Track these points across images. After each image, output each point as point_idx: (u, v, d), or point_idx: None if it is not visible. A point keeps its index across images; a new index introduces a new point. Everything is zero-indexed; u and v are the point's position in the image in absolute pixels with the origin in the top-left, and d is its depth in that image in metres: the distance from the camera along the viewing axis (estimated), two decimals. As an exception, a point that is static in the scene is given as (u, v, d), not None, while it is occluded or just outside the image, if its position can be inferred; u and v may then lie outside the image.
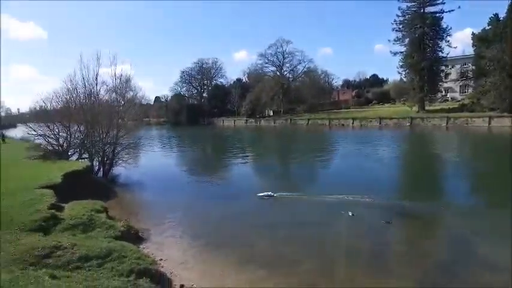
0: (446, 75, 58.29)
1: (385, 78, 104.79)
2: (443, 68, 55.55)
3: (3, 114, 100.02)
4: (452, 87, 65.58)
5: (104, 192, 15.96)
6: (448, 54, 54.31)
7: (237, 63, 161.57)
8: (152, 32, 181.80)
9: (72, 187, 13.54)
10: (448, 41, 53.46)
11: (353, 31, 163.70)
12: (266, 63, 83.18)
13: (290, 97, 79.16)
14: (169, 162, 29.56)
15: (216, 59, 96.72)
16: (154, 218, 12.37)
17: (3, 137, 41.32)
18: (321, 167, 23.82)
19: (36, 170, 16.06)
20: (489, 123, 42.09)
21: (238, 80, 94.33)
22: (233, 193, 15.90)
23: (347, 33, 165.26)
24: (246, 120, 77.33)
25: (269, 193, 14.23)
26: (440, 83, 56.56)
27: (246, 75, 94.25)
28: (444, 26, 53.24)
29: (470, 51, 54.55)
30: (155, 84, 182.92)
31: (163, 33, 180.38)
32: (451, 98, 65.19)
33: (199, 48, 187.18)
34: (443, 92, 64.81)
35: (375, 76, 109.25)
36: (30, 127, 21.61)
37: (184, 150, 40.29)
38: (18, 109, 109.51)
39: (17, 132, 65.91)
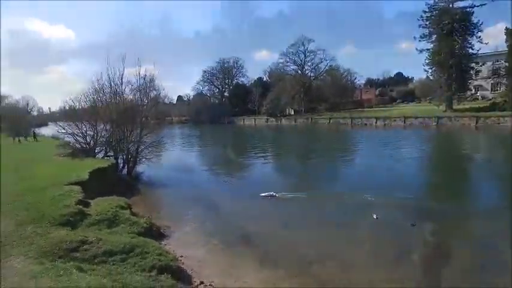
0: (477, 72, 55.45)
1: (410, 77, 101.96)
2: (473, 65, 52.98)
3: (35, 113, 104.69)
4: (483, 85, 62.51)
5: (127, 189, 16.54)
6: (479, 50, 51.79)
7: (258, 63, 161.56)
8: (172, 32, 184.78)
9: (98, 184, 14.09)
10: (479, 37, 50.98)
11: (377, 29, 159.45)
12: (287, 62, 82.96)
13: (311, 96, 78.42)
14: (191, 161, 30.06)
15: (237, 58, 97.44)
16: (176, 215, 12.65)
17: (35, 135, 43.36)
18: (341, 166, 23.47)
19: (65, 167, 16.82)
20: (522, 123, 39.76)
21: (259, 79, 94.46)
22: (251, 192, 15.89)
23: (370, 32, 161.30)
24: (267, 119, 77.35)
25: (271, 193, 14.34)
26: (469, 81, 53.98)
27: (267, 74, 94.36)
28: (475, 21, 50.84)
29: (503, 47, 51.66)
30: (178, 84, 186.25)
31: (184, 33, 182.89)
32: (482, 97, 62.14)
33: (221, 48, 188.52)
34: (473, 90, 61.94)
35: (399, 74, 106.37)
36: (60, 125, 22.62)
37: (205, 149, 40.86)
38: (49, 108, 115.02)
39: (48, 131, 69.28)
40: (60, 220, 8.52)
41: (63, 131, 22.73)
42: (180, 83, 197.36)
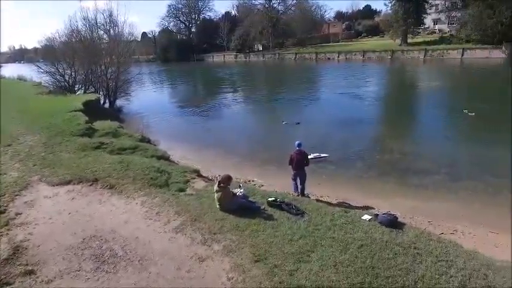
0: (432, 6, 57.86)
1: (378, 10, 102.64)
2: (428, -3, 54.91)
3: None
4: (441, 18, 65.38)
5: (113, 118, 19.44)
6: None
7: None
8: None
9: (89, 113, 16.94)
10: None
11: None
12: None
13: (279, 31, 78.51)
14: (162, 96, 32.96)
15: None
16: (157, 133, 16.23)
17: None
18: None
19: (55, 102, 19.24)
20: (462, 55, 44.32)
21: (227, 13, 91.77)
22: (212, 115, 20.34)
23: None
24: (236, 55, 77.84)
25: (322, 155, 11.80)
26: (424, 15, 56.50)
27: (235, 8, 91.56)
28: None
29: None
30: (142, 19, 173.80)
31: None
32: (439, 30, 65.34)
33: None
34: (433, 23, 64.92)
35: (367, 7, 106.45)
36: (38, 66, 23.99)
37: (174, 86, 43.09)
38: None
39: (6, 73, 66.23)
40: (78, 133, 11.76)
41: (41, 70, 24.27)
42: (143, 18, 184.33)
